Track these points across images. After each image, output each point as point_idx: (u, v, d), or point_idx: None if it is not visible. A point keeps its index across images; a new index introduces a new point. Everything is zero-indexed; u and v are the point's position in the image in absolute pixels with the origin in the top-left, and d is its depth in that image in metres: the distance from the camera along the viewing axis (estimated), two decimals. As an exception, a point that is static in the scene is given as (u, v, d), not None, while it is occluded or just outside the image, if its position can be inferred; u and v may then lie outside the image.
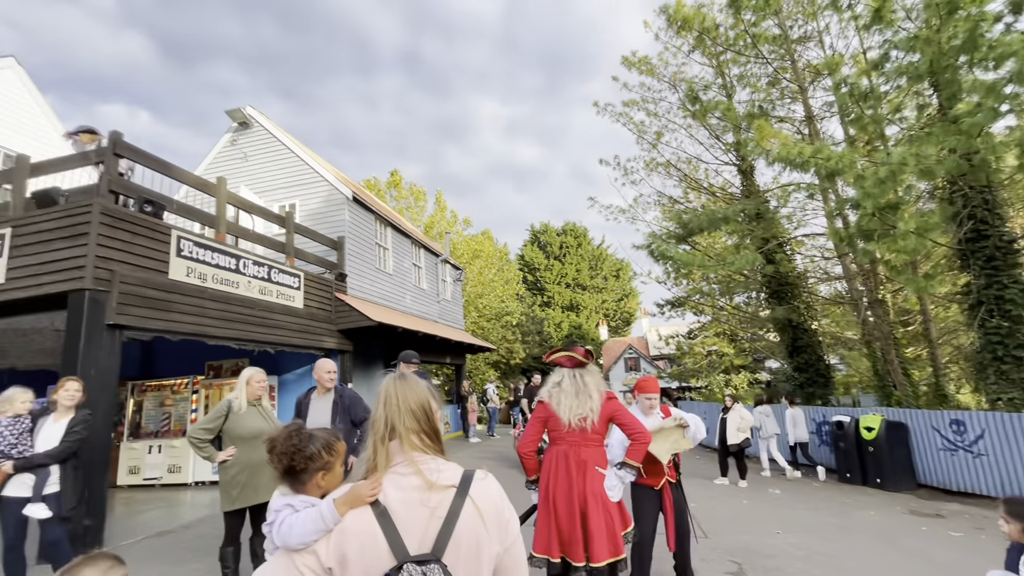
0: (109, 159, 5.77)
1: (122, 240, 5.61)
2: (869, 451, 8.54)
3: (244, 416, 3.66)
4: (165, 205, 6.36)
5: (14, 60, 10.53)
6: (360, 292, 10.98)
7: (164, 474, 8.64)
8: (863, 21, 8.83)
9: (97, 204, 5.39)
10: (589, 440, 2.94)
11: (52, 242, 5.40)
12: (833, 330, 15.27)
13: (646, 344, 36.45)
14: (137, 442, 8.93)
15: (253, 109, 12.19)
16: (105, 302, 5.29)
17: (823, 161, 7.62)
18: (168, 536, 5.48)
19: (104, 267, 5.34)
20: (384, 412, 1.21)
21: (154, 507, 7.04)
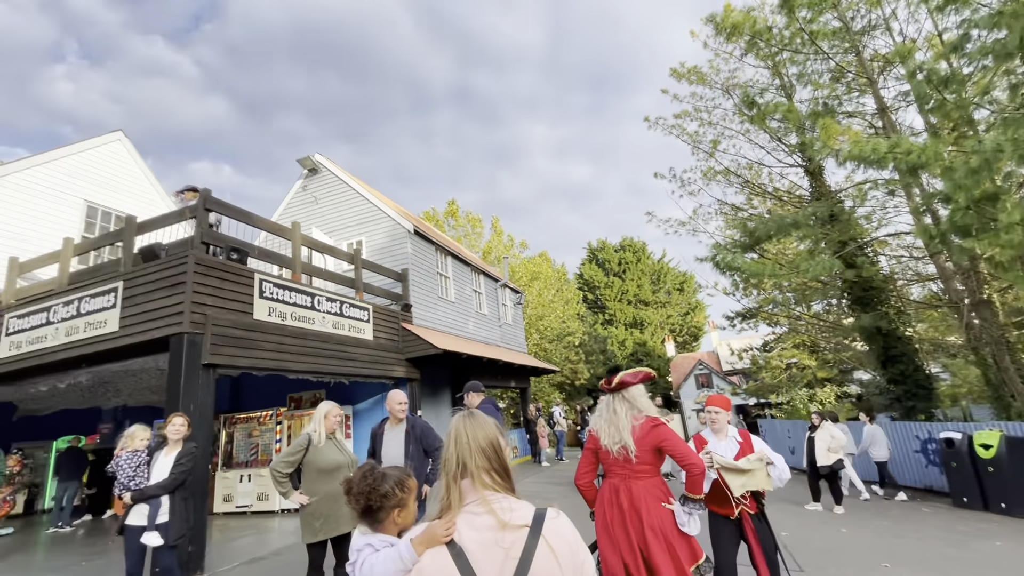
0: (200, 214, 6.40)
1: (213, 286, 6.15)
2: (988, 472, 7.58)
3: (323, 449, 3.85)
4: (248, 252, 6.94)
5: (121, 134, 12.01)
6: (424, 321, 11.32)
7: (254, 502, 9.19)
8: (935, 3, 8.21)
9: (192, 255, 5.97)
10: (638, 472, 2.74)
11: (155, 292, 6.03)
12: (932, 336, 13.85)
13: (717, 359, 34.70)
14: (230, 471, 9.58)
15: (320, 156, 13.11)
16: (201, 343, 5.79)
17: (903, 155, 7.07)
18: (260, 562, 5.79)
19: (199, 312, 5.87)
20: (455, 451, 1.24)
21: (246, 534, 7.48)
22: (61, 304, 6.72)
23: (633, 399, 2.86)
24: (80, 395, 9.49)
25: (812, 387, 20.45)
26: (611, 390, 2.94)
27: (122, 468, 3.99)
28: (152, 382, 9.05)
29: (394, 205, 14.12)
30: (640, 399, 2.87)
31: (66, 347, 6.51)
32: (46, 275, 8.40)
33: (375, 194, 13.32)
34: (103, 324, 6.27)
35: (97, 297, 6.44)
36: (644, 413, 2.80)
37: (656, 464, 2.78)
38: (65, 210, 10.26)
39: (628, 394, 2.87)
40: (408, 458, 4.27)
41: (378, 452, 4.43)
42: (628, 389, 2.89)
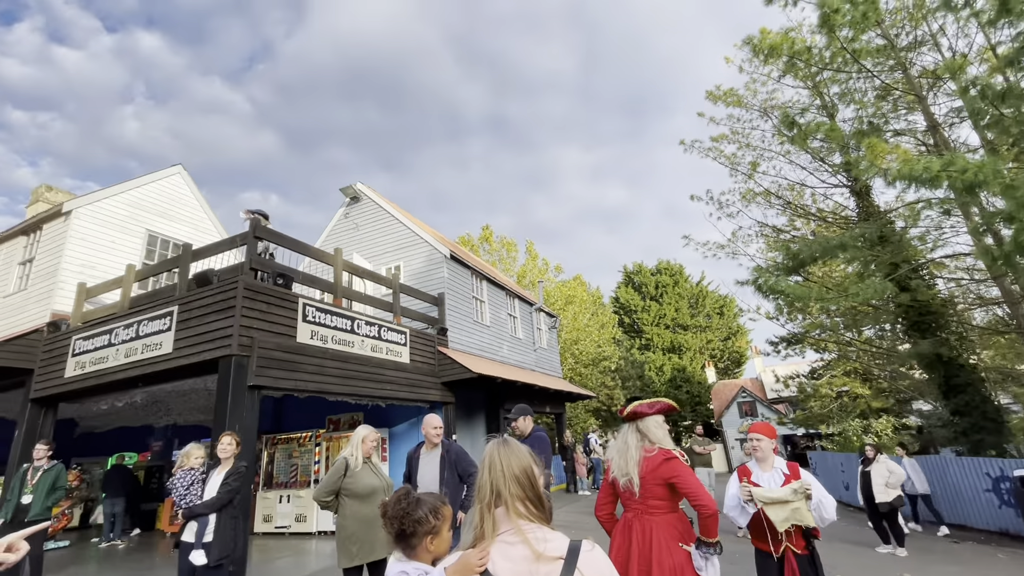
0: (251, 242, 6.73)
1: (260, 310, 6.42)
2: (1073, 515, 6.89)
3: (360, 473, 3.88)
4: (293, 277, 7.22)
5: (181, 167, 12.87)
6: (460, 345, 11.39)
7: (292, 523, 9.32)
8: (986, 16, 7.91)
9: (241, 281, 6.26)
10: (652, 508, 2.59)
11: (207, 316, 6.33)
12: (1000, 364, 12.88)
13: (761, 386, 33.29)
14: (270, 492, 9.78)
15: (362, 184, 13.63)
16: (247, 366, 6.02)
17: (958, 173, 6.73)
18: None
19: (246, 335, 6.12)
20: (489, 478, 1.23)
21: (285, 555, 7.58)
22: (122, 327, 7.14)
23: (647, 430, 2.73)
24: (135, 413, 9.98)
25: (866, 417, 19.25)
26: (625, 419, 2.84)
27: (176, 486, 4.14)
28: (201, 402, 9.43)
29: (431, 231, 14.45)
30: (654, 430, 2.73)
31: (125, 367, 6.88)
32: (110, 299, 8.97)
33: (413, 220, 13.68)
34: (159, 346, 6.62)
35: (154, 320, 6.82)
36: (657, 445, 2.66)
37: (671, 499, 2.62)
38: (129, 239, 11.00)
39: (642, 425, 2.76)
40: (443, 483, 4.26)
41: (413, 476, 4.44)
42: (643, 419, 2.77)
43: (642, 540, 2.54)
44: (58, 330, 8.28)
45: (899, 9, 10.87)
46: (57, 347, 7.99)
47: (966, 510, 8.95)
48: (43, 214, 10.11)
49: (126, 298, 7.75)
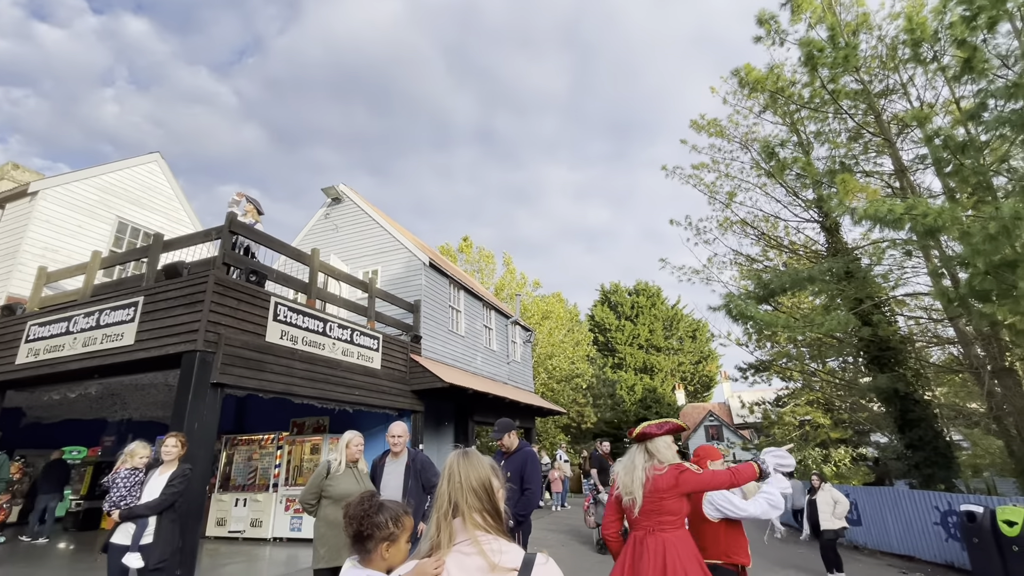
0: (226, 236, 6.60)
1: (229, 306, 6.28)
2: (1013, 551, 7.17)
3: (340, 478, 3.87)
4: (267, 275, 7.10)
5: (159, 155, 12.58)
6: (433, 353, 11.31)
7: (247, 528, 9.02)
8: (952, 72, 8.41)
9: (213, 275, 6.13)
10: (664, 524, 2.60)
11: (174, 308, 6.16)
12: (952, 402, 13.41)
13: (728, 411, 33.86)
14: (226, 494, 9.46)
15: (345, 186, 13.52)
16: (212, 362, 5.87)
17: (919, 217, 7.07)
18: (247, 592, 5.65)
19: (213, 331, 5.98)
20: (448, 488, 1.24)
21: (237, 561, 7.32)
22: (82, 315, 6.89)
23: (656, 451, 2.76)
24: (88, 406, 9.58)
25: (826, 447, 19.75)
26: (634, 440, 2.85)
27: (117, 484, 3.98)
28: (160, 397, 9.12)
29: (412, 237, 14.40)
30: (663, 451, 2.75)
31: (82, 357, 6.63)
32: (72, 286, 8.65)
33: (394, 225, 13.62)
34: (120, 337, 6.40)
35: (118, 310, 6.60)
36: (665, 464, 2.69)
37: (682, 515, 2.66)
38: (97, 225, 10.65)
39: (651, 445, 2.78)
40: (407, 493, 4.21)
41: (377, 484, 4.37)
42: (652, 440, 2.78)
43: (655, 556, 2.53)
44: (12, 314, 7.93)
45: (874, 56, 11.45)
46: (10, 331, 7.65)
47: (916, 542, 9.23)
48: (7, 193, 9.74)
49: (89, 285, 7.48)
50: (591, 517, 8.91)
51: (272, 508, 8.97)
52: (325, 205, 13.65)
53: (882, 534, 10.01)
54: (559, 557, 7.92)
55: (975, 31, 7.41)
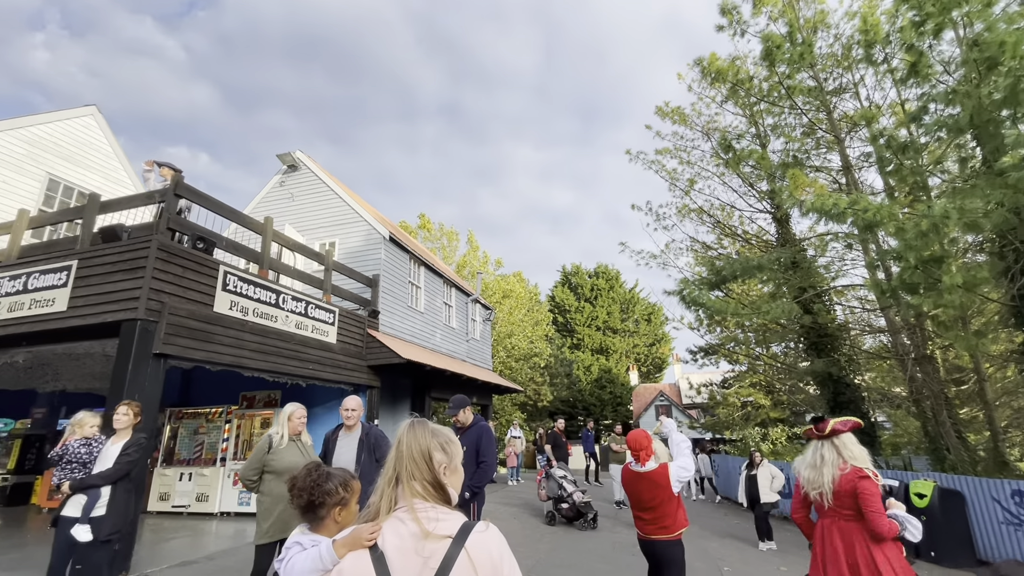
0: (170, 199, 6.24)
1: (174, 274, 5.97)
2: (921, 520, 7.89)
3: (284, 451, 3.79)
4: (216, 242, 6.78)
5: (95, 109, 11.64)
6: (391, 329, 11.19)
7: (192, 502, 8.78)
8: (899, 75, 8.83)
9: (156, 240, 5.80)
10: (846, 515, 2.86)
11: (112, 274, 5.81)
12: (878, 386, 14.48)
13: (678, 392, 35.32)
14: (170, 469, 9.15)
15: (302, 153, 12.98)
16: (154, 332, 5.59)
17: (860, 213, 7.49)
18: (191, 566, 5.53)
19: (156, 299, 5.68)
20: (393, 456, 1.26)
21: (180, 535, 7.14)
22: (7, 278, 6.39)
23: (843, 446, 2.95)
24: (15, 376, 8.97)
25: (765, 426, 20.99)
26: (822, 437, 3.02)
27: (72, 456, 3.78)
28: (96, 368, 8.64)
29: (371, 209, 14.04)
30: (851, 446, 2.94)
31: (6, 323, 6.17)
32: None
33: (353, 197, 13.23)
34: (51, 303, 5.99)
35: (48, 274, 6.15)
36: (850, 463, 2.88)
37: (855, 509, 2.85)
38: (24, 181, 9.82)
39: (839, 441, 2.96)
40: (360, 466, 4.20)
41: (329, 458, 4.35)
42: (839, 436, 2.97)
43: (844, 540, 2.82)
44: (-75, 275, 7.25)
45: (830, 55, 11.87)
46: (-78, 294, 7.01)
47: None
48: (-83, 140, 8.82)
49: (15, 246, 6.93)
50: (543, 491, 9.17)
51: (220, 482, 8.76)
52: (280, 172, 13.08)
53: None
54: (511, 529, 8.15)
55: (923, 36, 7.79)
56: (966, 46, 7.55)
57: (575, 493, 8.64)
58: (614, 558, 6.68)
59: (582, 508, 8.46)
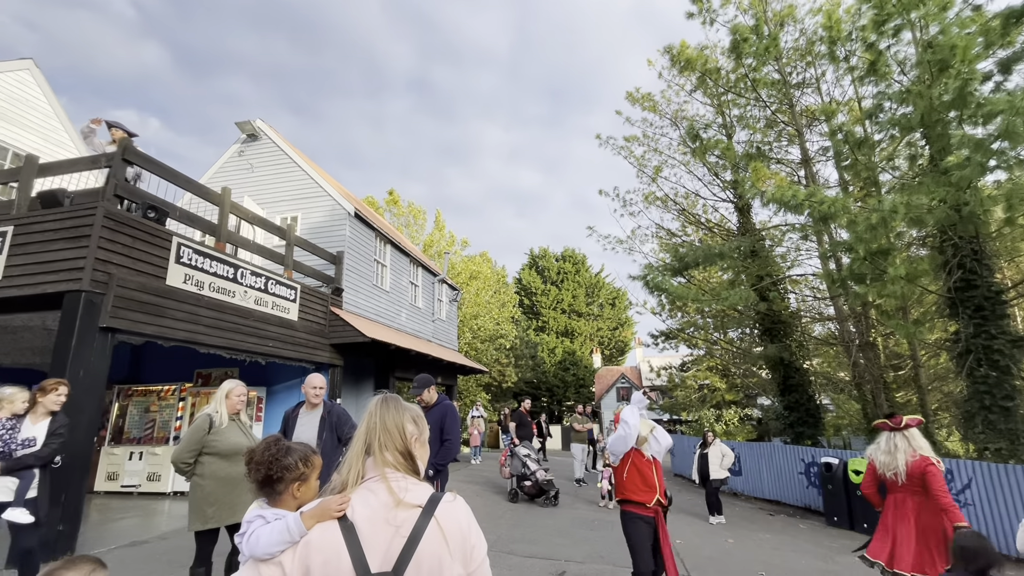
0: (118, 164, 5.86)
1: (123, 244, 5.65)
2: (857, 495, 8.48)
3: (225, 431, 3.60)
4: (168, 212, 6.44)
5: (32, 63, 10.74)
6: (355, 308, 10.99)
7: (143, 482, 8.49)
8: (859, 72, 9.15)
9: (101, 207, 5.45)
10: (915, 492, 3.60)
11: (53, 242, 5.44)
12: (825, 370, 15.30)
13: (639, 374, 36.33)
14: (118, 447, 8.80)
15: (262, 122, 12.41)
16: (100, 304, 5.30)
17: (817, 205, 7.80)
18: (142, 546, 5.38)
19: (102, 270, 5.37)
20: (364, 429, 1.26)
21: (130, 515, 6.91)
22: (-68, 243, 5.89)
23: (912, 437, 3.69)
24: (-57, 349, 8.36)
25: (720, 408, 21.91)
26: (895, 429, 3.78)
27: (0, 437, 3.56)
28: (36, 342, 8.15)
29: (336, 184, 13.63)
30: (919, 438, 3.70)
31: (-68, 292, 5.71)
32: (-84, 208, 7.32)
33: (317, 170, 12.79)
34: (-17, 271, 5.57)
35: (-21, 240, 5.71)
36: (919, 452, 3.61)
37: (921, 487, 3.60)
38: (-50, 138, 9.02)
39: (909, 433, 3.71)
40: (321, 445, 4.14)
41: (289, 435, 4.25)
42: (909, 429, 3.72)
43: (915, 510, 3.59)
44: None
45: (795, 49, 12.16)
46: None
47: (784, 489, 10.62)
48: None
49: (-60, 209, 6.38)
50: (507, 469, 9.32)
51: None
52: (239, 141, 12.48)
53: (757, 483, 11.41)
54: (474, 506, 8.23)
55: (883, 36, 8.07)
56: (921, 48, 7.88)
57: (538, 471, 8.82)
58: (572, 533, 6.89)
59: (544, 485, 8.66)
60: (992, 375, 8.05)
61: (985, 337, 8.20)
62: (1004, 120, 6.39)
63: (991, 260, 8.97)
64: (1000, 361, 8.04)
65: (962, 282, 8.60)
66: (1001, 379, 8.01)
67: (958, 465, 7.58)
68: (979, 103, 6.80)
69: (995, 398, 8.01)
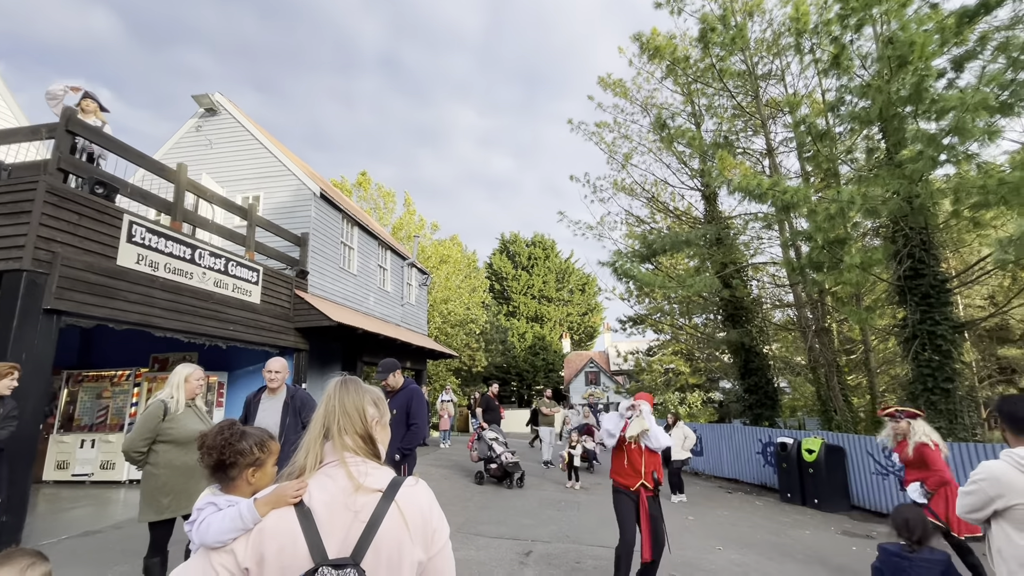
0: (61, 135, 5.49)
1: (68, 221, 5.33)
2: (809, 473, 8.92)
3: (182, 417, 3.45)
4: (119, 188, 6.09)
5: (-38, 22, 9.90)
6: (321, 291, 10.75)
7: (96, 470, 8.16)
8: (822, 65, 9.38)
9: (43, 181, 5.11)
10: None
11: (-11, 218, 5.08)
12: (783, 355, 15.94)
13: (607, 359, 37.01)
14: (68, 435, 8.41)
15: (222, 96, 11.84)
16: (44, 285, 5.00)
17: (780, 194, 8.02)
18: (95, 536, 5.18)
19: (45, 248, 5.06)
20: (322, 413, 1.22)
21: (82, 505, 6.64)
22: None
23: None
24: None
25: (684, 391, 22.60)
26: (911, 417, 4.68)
27: None
28: (-26, 325, 7.64)
29: (301, 164, 13.19)
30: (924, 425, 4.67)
31: None
32: None
33: (282, 149, 12.34)
34: (-90, 248, 5.16)
35: (-96, 215, 5.28)
36: None
37: None
38: None
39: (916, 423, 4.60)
40: (284, 430, 4.05)
41: (251, 421, 4.14)
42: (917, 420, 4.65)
43: None
44: None
45: (761, 41, 12.36)
46: None
47: (742, 468, 11.07)
48: None
49: None
50: (474, 452, 9.38)
51: (127, 449, 8.18)
52: (197, 116, 11.89)
53: (717, 462, 11.86)
54: (442, 489, 8.30)
55: (846, 30, 8.28)
56: (882, 43, 8.12)
57: (504, 454, 8.90)
58: (539, 513, 7.01)
59: (509, 468, 8.76)
60: (935, 359, 8.54)
61: (930, 323, 8.67)
62: (956, 116, 6.68)
63: (938, 250, 9.44)
64: (943, 346, 8.52)
65: (911, 271, 9.04)
66: (943, 363, 8.50)
67: (901, 443, 8.04)
68: (933, 99, 7.08)
69: (937, 380, 8.51)
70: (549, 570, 4.76)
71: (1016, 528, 1.84)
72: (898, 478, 7.92)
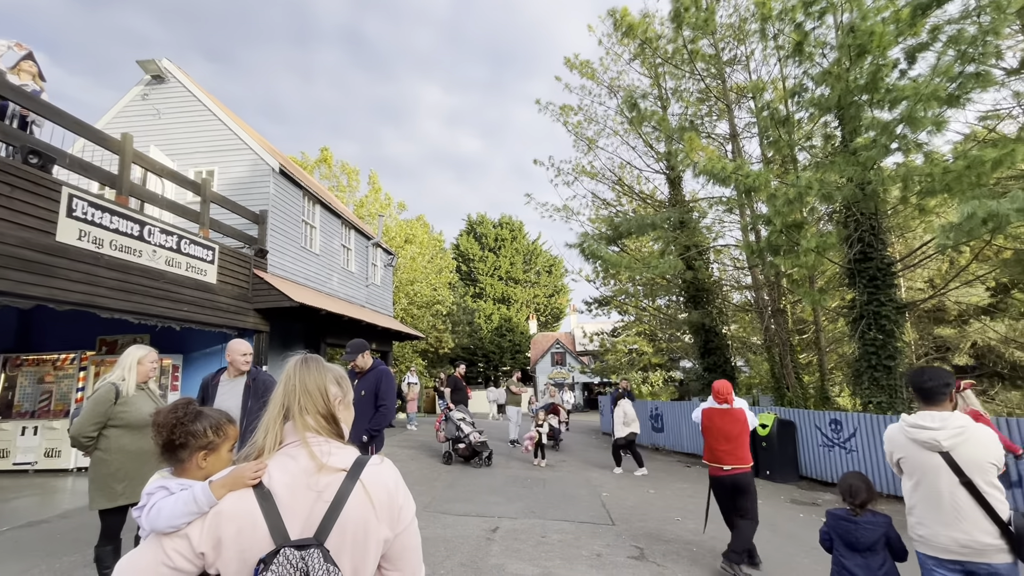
0: (-14, 99, 5.03)
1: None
2: (762, 446, 9.37)
3: (134, 400, 3.27)
4: (56, 158, 5.66)
5: None
6: (282, 271, 10.40)
7: (40, 459, 7.75)
8: (785, 52, 9.57)
9: (-32, 149, 4.69)
10: None
11: (-94, 188, 4.64)
12: (741, 335, 16.55)
13: (573, 340, 37.59)
14: (7, 422, 7.93)
15: (170, 62, 11.10)
16: (-27, 262, 4.62)
17: (742, 177, 8.21)
18: (40, 526, 4.94)
19: (-27, 222, 4.67)
20: (282, 392, 1.18)
21: (25, 495, 6.31)
22: None
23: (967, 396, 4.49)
24: None
25: (646, 371, 23.24)
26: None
27: None
28: None
29: (258, 137, 12.61)
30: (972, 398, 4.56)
31: None
32: None
33: (237, 121, 11.73)
34: None
35: None
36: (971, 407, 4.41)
37: None
38: None
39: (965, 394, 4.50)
40: (247, 413, 3.92)
41: (209, 403, 3.99)
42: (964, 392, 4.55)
43: None
44: None
45: (728, 26, 12.50)
46: None
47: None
48: None
49: None
50: (441, 433, 9.40)
51: (74, 436, 7.79)
52: (142, 83, 11.13)
53: (677, 438, 12.30)
54: (409, 469, 8.30)
55: (810, 17, 8.45)
56: (843, 32, 8.33)
57: (472, 434, 8.96)
58: (505, 490, 7.11)
59: (477, 447, 8.83)
60: (879, 338, 9.04)
61: (876, 304, 9.15)
62: (908, 106, 6.96)
63: (885, 235, 9.92)
64: (887, 326, 9.02)
65: (860, 255, 9.47)
66: (886, 341, 9.01)
67: (847, 417, 8.54)
68: (888, 88, 7.35)
69: (880, 358, 9.02)
70: (515, 545, 4.85)
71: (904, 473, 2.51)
72: (843, 449, 8.43)
